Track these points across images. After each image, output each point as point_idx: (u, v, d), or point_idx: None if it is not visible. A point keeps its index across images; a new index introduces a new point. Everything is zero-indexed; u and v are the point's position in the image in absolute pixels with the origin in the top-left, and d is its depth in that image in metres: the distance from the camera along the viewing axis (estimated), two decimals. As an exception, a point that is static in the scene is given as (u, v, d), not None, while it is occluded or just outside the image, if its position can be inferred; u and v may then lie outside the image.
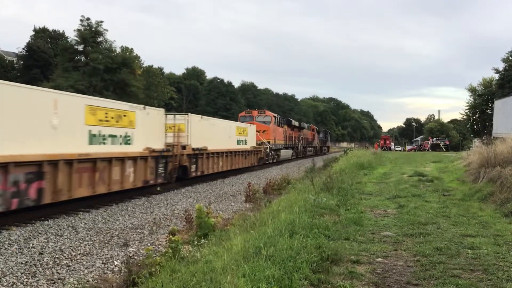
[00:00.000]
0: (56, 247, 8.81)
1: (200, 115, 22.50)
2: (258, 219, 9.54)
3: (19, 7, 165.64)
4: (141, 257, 7.92)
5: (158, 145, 17.14)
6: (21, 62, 72.00)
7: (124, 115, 14.92)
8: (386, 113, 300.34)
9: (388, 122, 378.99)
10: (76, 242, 9.22)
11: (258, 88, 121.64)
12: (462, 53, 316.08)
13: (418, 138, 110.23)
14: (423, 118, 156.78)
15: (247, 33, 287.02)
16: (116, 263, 7.84)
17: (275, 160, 38.45)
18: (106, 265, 7.72)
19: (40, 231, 10.08)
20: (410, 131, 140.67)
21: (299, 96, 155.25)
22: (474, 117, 67.21)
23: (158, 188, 17.09)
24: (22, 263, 7.69)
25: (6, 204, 10.14)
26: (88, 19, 62.56)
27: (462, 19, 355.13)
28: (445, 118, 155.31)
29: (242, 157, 28.27)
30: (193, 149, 20.06)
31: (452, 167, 24.54)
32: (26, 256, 8.14)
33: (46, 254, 8.31)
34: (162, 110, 18.17)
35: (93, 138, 13.24)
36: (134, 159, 15.29)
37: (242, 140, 28.48)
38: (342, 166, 25.61)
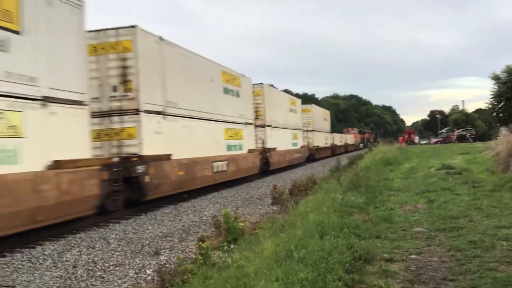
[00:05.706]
0: (89, 259, 8.93)
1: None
2: (287, 222, 9.51)
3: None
4: (172, 265, 7.96)
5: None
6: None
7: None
8: (409, 106, 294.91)
9: (411, 115, 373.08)
10: (108, 254, 9.33)
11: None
12: (482, 41, 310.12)
13: (443, 130, 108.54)
14: (447, 110, 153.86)
15: (263, 35, 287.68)
16: (148, 272, 7.90)
17: (360, 147, 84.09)
18: (139, 275, 7.79)
19: (72, 245, 10.24)
20: (435, 124, 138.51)
21: (319, 95, 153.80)
22: (499, 106, 65.80)
23: (185, 196, 17.26)
24: (57, 276, 7.82)
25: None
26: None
27: (478, 7, 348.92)
28: (470, 108, 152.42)
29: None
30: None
31: (480, 158, 24.12)
32: (61, 269, 8.27)
33: (80, 266, 8.43)
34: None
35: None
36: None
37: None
38: (367, 163, 25.40)
